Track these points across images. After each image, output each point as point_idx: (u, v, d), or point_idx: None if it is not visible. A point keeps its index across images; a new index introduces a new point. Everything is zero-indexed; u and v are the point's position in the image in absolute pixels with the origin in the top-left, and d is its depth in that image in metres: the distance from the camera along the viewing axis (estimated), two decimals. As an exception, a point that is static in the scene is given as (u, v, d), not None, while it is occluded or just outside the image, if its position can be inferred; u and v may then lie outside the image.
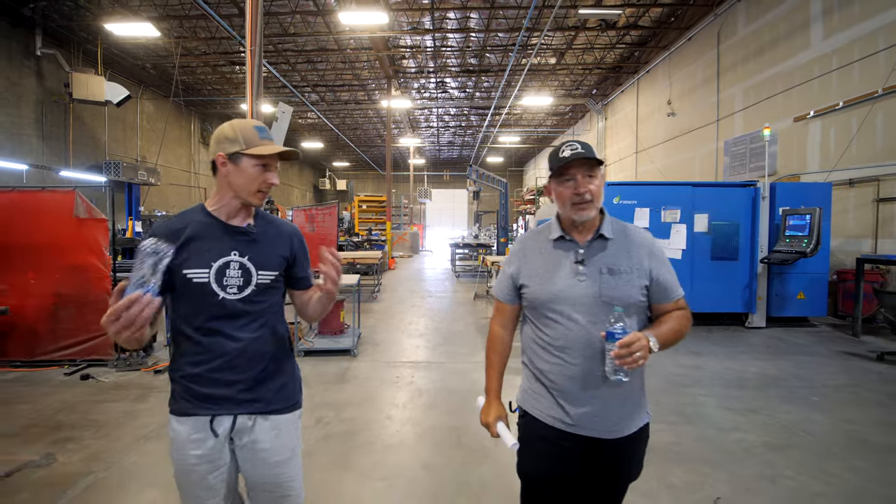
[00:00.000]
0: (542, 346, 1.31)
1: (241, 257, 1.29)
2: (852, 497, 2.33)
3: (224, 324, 1.27)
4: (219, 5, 11.03)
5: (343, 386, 3.94)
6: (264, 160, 1.28)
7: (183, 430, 1.27)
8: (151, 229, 1.31)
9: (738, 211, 6.21)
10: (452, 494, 2.35)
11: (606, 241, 1.28)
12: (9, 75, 10.80)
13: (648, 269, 1.26)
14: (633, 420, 1.27)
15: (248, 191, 1.28)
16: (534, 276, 1.33)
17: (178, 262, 1.25)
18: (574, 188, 1.24)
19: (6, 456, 2.72)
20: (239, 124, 1.29)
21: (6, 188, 4.38)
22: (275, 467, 1.32)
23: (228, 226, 1.31)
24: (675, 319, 1.26)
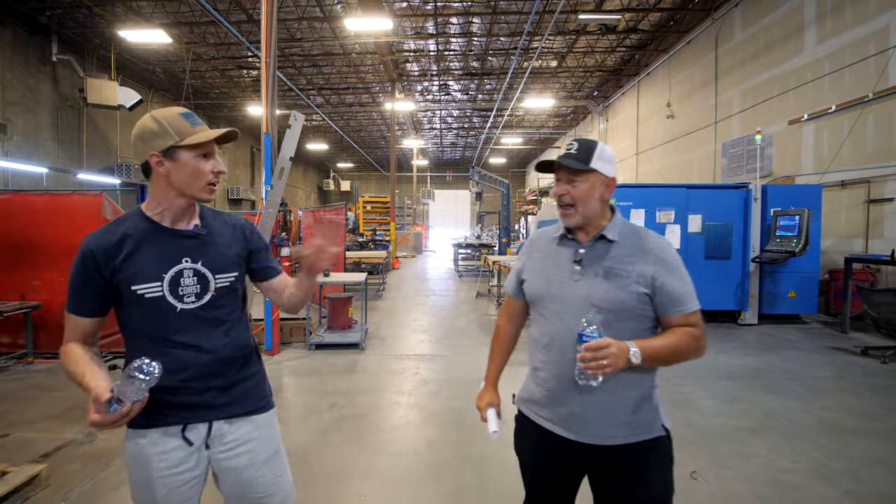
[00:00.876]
0: (535, 344, 1.32)
1: (194, 263, 1.20)
2: (814, 471, 2.58)
3: (188, 335, 1.19)
4: (228, 12, 11.35)
5: (353, 376, 4.22)
6: (203, 148, 1.16)
7: (147, 443, 1.18)
8: (82, 243, 1.16)
9: (730, 212, 6.45)
10: (455, 465, 2.62)
11: (610, 244, 1.24)
12: (26, 81, 11.16)
13: (651, 276, 1.19)
14: (628, 429, 1.20)
15: (195, 187, 1.17)
16: (532, 272, 1.34)
17: (123, 277, 1.14)
18: (557, 189, 1.26)
19: (52, 434, 3.00)
20: (162, 115, 1.15)
21: (39, 191, 4.68)
22: (263, 466, 1.26)
23: (174, 230, 1.21)
24: (676, 336, 1.18)
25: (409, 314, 7.21)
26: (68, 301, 1.18)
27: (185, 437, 1.19)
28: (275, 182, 4.56)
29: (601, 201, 1.24)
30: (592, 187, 1.22)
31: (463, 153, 31.80)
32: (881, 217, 6.86)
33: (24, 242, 4.64)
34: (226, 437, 1.23)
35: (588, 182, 1.21)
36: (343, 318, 5.46)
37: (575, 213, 1.23)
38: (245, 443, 1.24)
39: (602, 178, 1.22)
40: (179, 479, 1.18)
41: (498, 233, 14.92)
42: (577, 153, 1.21)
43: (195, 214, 1.25)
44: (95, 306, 1.18)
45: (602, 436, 1.20)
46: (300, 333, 5.27)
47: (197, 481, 1.23)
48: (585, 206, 1.22)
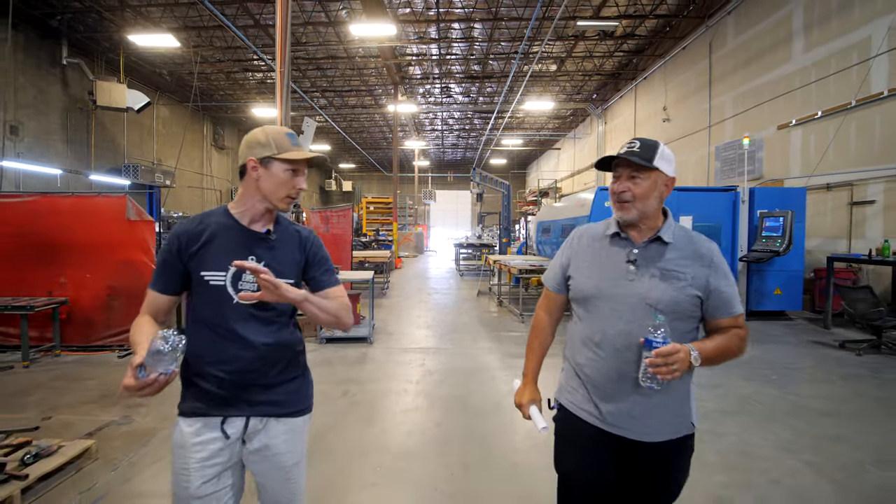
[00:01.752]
0: (581, 341, 1.32)
1: (258, 262, 1.28)
2: (781, 445, 2.89)
3: (240, 327, 1.27)
4: (235, 16, 11.64)
5: (363, 366, 4.53)
6: (295, 165, 1.30)
7: (189, 432, 1.27)
8: (173, 228, 1.34)
9: (719, 213, 6.77)
10: (460, 442, 2.92)
11: (665, 246, 1.26)
12: (37, 84, 11.45)
13: (706, 279, 1.22)
14: (669, 426, 1.24)
15: (277, 196, 1.29)
16: (582, 269, 1.34)
17: (196, 262, 1.28)
18: (616, 186, 1.28)
19: (91, 417, 3.30)
20: (272, 130, 1.31)
21: (66, 194, 4.98)
22: (288, 471, 1.34)
23: (249, 230, 1.32)
24: (726, 337, 1.22)
25: (413, 311, 7.51)
26: (152, 280, 1.32)
27: (224, 430, 1.27)
28: (289, 185, 4.85)
29: (659, 200, 1.26)
30: (653, 185, 1.23)
31: (464, 154, 32.11)
32: (863, 219, 7.17)
33: (51, 242, 4.94)
34: (259, 437, 1.30)
35: (650, 180, 1.23)
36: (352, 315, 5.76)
37: (632, 209, 1.24)
38: (276, 447, 1.31)
39: (663, 177, 1.24)
40: (212, 472, 1.25)
41: (498, 233, 15.24)
42: (641, 151, 1.22)
43: (271, 220, 1.36)
44: (172, 285, 1.31)
45: (647, 433, 1.23)
46: (311, 328, 5.57)
47: (227, 475, 1.29)
48: (644, 204, 1.23)
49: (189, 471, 1.24)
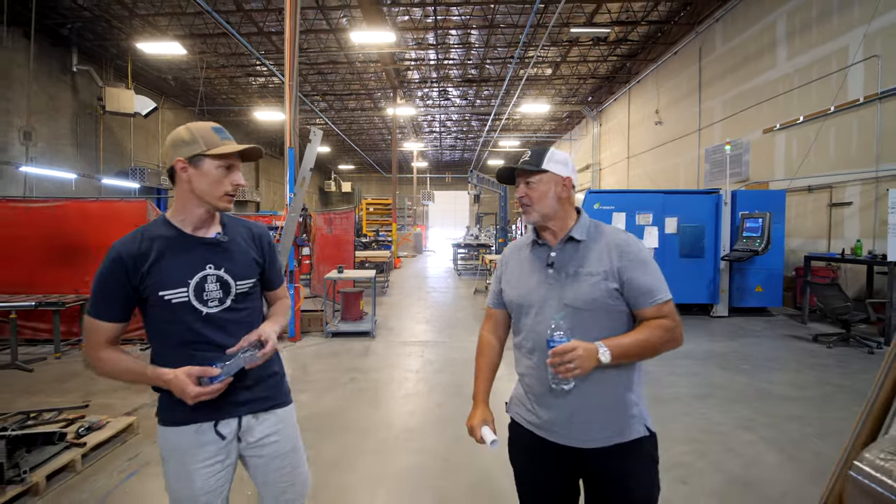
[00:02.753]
0: (519, 350, 1.34)
1: (217, 270, 1.27)
2: (741, 424, 3.26)
3: (213, 336, 1.25)
4: (240, 25, 12.01)
5: (367, 357, 4.90)
6: (227, 160, 1.24)
7: (183, 439, 1.26)
8: (112, 249, 1.22)
9: (703, 215, 7.14)
10: (457, 420, 3.30)
11: (578, 244, 1.28)
12: (48, 90, 11.81)
13: (618, 270, 1.22)
14: (610, 431, 1.22)
15: (214, 195, 1.24)
16: (510, 280, 1.37)
17: (150, 283, 1.21)
18: (516, 193, 1.33)
19: (126, 400, 3.67)
20: (195, 126, 1.25)
21: (92, 199, 5.35)
22: (286, 458, 1.36)
23: (197, 238, 1.28)
24: (647, 329, 1.21)
25: (412, 308, 7.89)
26: (92, 307, 1.21)
27: (218, 432, 1.27)
28: (297, 190, 5.23)
29: (557, 199, 1.28)
30: (548, 188, 1.27)
31: (462, 155, 32.49)
32: (842, 219, 7.55)
33: (78, 243, 5.30)
34: (254, 431, 1.32)
35: (543, 183, 1.27)
36: (355, 310, 6.14)
37: (532, 211, 1.29)
38: (270, 435, 1.34)
39: (556, 177, 1.28)
40: (213, 470, 1.27)
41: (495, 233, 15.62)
42: (531, 158, 1.29)
43: (216, 222, 1.32)
44: (121, 312, 1.22)
45: (584, 439, 1.22)
46: (318, 324, 5.94)
47: (227, 471, 1.31)
48: (542, 205, 1.28)
49: (190, 473, 1.25)
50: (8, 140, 10.56)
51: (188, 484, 1.25)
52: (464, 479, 2.55)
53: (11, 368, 4.42)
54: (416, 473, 2.63)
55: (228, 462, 1.31)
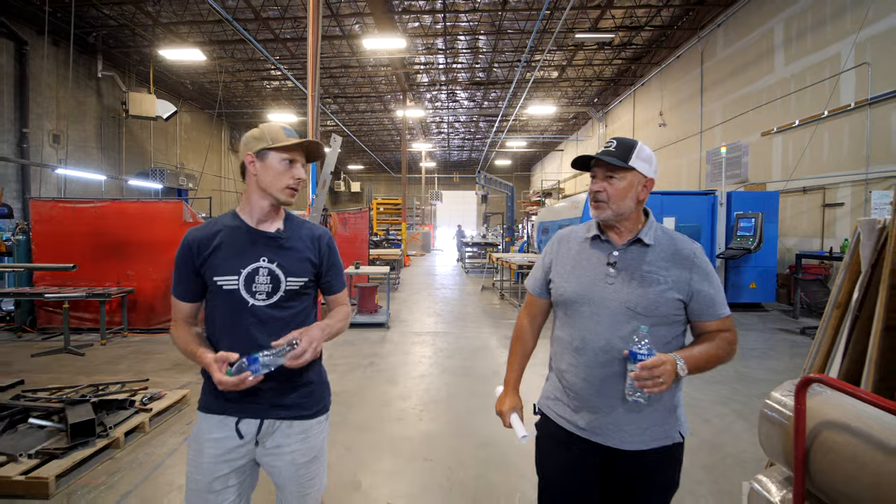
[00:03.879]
0: (563, 346, 1.29)
1: (269, 263, 1.30)
2: (717, 400, 3.67)
3: (255, 330, 1.27)
4: (257, 32, 12.54)
5: (383, 345, 5.36)
6: (290, 154, 1.30)
7: (207, 428, 1.30)
8: (185, 235, 1.32)
9: (700, 215, 7.51)
10: (466, 397, 3.74)
11: (646, 248, 1.23)
12: (76, 95, 12.42)
13: (688, 282, 1.19)
14: (652, 434, 1.21)
15: (276, 187, 1.30)
16: (563, 272, 1.31)
17: (208, 267, 1.28)
18: (593, 186, 1.26)
19: (174, 379, 4.15)
20: (267, 125, 1.33)
21: (132, 200, 5.86)
22: (300, 468, 1.34)
23: (258, 231, 1.33)
24: (713, 343, 1.19)
25: (423, 303, 8.34)
26: (173, 286, 1.35)
27: (238, 430, 1.29)
28: (319, 192, 5.69)
29: (636, 201, 1.23)
30: (630, 186, 1.21)
31: (470, 155, 32.89)
32: (834, 219, 7.88)
33: (119, 240, 5.82)
34: (273, 438, 1.32)
35: (626, 180, 1.21)
36: (371, 304, 6.60)
37: (607, 209, 1.22)
38: (288, 446, 1.32)
39: (640, 177, 1.22)
40: (224, 468, 1.28)
41: (502, 232, 16.02)
42: (616, 150, 1.21)
43: (280, 218, 1.38)
44: (191, 292, 1.33)
45: (629, 441, 1.20)
46: (336, 315, 6.41)
47: (238, 473, 1.31)
48: (619, 204, 1.21)
49: (202, 465, 1.28)
50: (39, 143, 11.17)
51: (199, 475, 1.28)
52: (474, 440, 2.99)
53: (64, 353, 4.93)
54: (433, 436, 3.07)
55: (240, 464, 1.30)
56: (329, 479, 2.50)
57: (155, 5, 11.35)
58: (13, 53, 10.71)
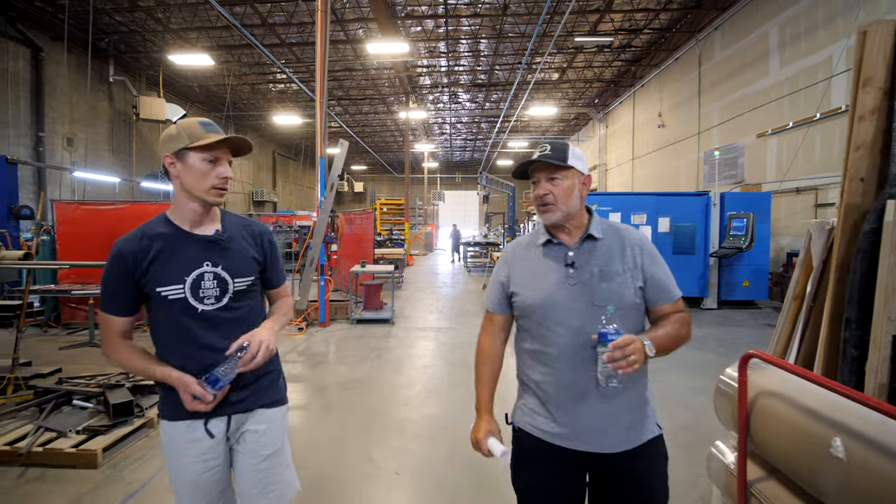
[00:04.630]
0: (535, 357, 1.27)
1: (214, 267, 1.27)
2: (696, 388, 3.93)
3: (207, 335, 1.25)
4: (263, 36, 12.84)
5: (389, 339, 5.64)
6: (212, 152, 1.23)
7: (177, 433, 1.28)
8: (114, 247, 1.25)
9: (694, 216, 7.75)
10: (466, 384, 4.01)
11: (596, 242, 1.25)
12: (89, 100, 12.77)
13: (641, 266, 1.22)
14: (633, 433, 1.21)
15: (201, 188, 1.23)
16: (524, 283, 1.29)
17: (149, 279, 1.22)
18: (538, 190, 1.25)
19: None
20: (183, 122, 1.25)
21: (152, 202, 6.17)
22: (263, 460, 1.34)
23: (195, 235, 1.28)
24: (672, 323, 1.20)
25: (426, 301, 8.62)
26: (102, 302, 1.26)
27: (208, 430, 1.29)
28: (327, 194, 5.98)
29: (580, 199, 1.25)
30: (572, 185, 1.23)
31: (472, 155, 33.16)
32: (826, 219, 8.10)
33: (138, 240, 6.13)
34: (242, 429, 1.34)
35: (568, 179, 1.23)
36: (376, 301, 6.88)
37: (556, 210, 1.23)
38: (255, 431, 1.34)
39: (579, 175, 1.25)
40: (205, 466, 1.29)
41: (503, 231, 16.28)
42: (553, 152, 1.22)
43: (216, 219, 1.33)
44: (128, 306, 1.26)
45: (611, 444, 1.19)
46: (343, 312, 6.70)
47: (219, 470, 1.33)
48: (567, 203, 1.23)
49: (184, 467, 1.29)
50: (54, 146, 11.52)
51: (184, 477, 1.29)
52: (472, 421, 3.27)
53: (89, 346, 5.24)
54: (436, 418, 3.36)
55: (219, 462, 1.32)
56: (346, 454, 2.82)
57: (165, 12, 11.67)
58: (29, 60, 11.06)
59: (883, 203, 1.89)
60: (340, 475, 2.59)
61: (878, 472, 1.16)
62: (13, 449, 2.59)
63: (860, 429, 1.25)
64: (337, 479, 2.56)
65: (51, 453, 2.59)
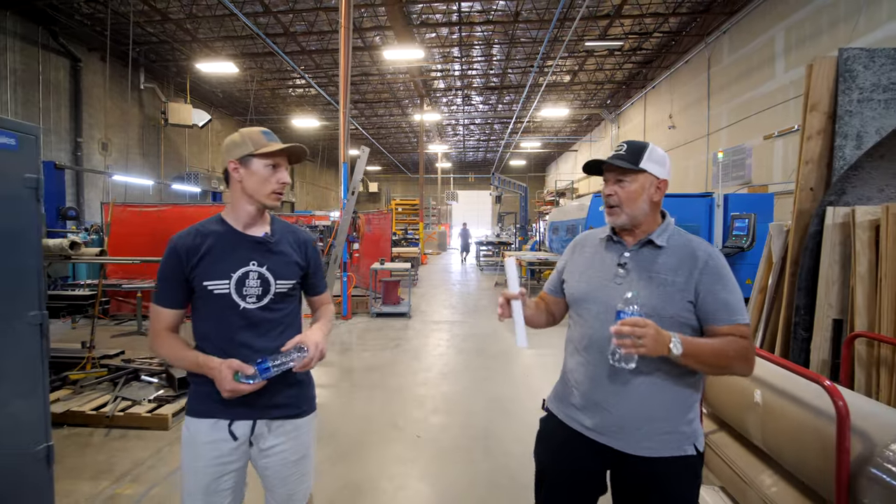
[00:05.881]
0: (573, 345, 1.31)
1: (259, 267, 1.32)
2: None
3: (245, 333, 1.30)
4: (285, 45, 13.43)
5: (406, 331, 6.11)
6: (273, 159, 1.31)
7: (200, 432, 1.31)
8: (170, 242, 1.32)
9: (698, 216, 8.06)
10: (478, 368, 4.47)
11: (658, 249, 1.22)
12: (121, 106, 13.53)
13: (696, 283, 1.16)
14: (660, 442, 1.17)
15: (262, 192, 1.31)
16: (574, 272, 1.33)
17: (198, 273, 1.29)
18: (605, 190, 1.25)
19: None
20: (246, 131, 1.34)
21: (188, 204, 6.74)
22: (291, 466, 1.38)
23: (246, 236, 1.34)
24: (724, 340, 1.12)
25: (440, 297, 9.07)
26: (155, 295, 1.34)
27: (231, 432, 1.31)
28: (350, 197, 6.47)
29: (650, 203, 1.22)
30: (641, 188, 1.20)
31: (485, 156, 33.50)
32: (829, 219, 8.33)
33: (178, 239, 6.70)
34: (266, 438, 1.35)
35: (637, 183, 1.20)
36: (394, 296, 7.36)
37: (621, 213, 1.22)
38: (279, 444, 1.36)
39: (652, 179, 1.21)
40: (222, 470, 1.31)
41: (515, 231, 16.66)
42: (626, 154, 1.21)
43: (266, 222, 1.39)
44: (177, 299, 1.32)
45: (635, 445, 1.18)
46: (363, 306, 7.19)
47: (236, 475, 1.34)
48: (632, 207, 1.21)
49: (199, 469, 1.31)
50: (91, 151, 12.28)
51: (196, 479, 1.31)
52: (483, 398, 3.72)
53: (137, 335, 5.81)
54: (452, 395, 3.82)
55: (237, 466, 1.34)
56: (377, 420, 3.29)
57: (194, 23, 12.32)
58: (69, 70, 11.82)
59: (823, 209, 2.28)
60: (370, 438, 3.06)
61: (779, 408, 1.57)
62: (100, 413, 3.12)
63: (771, 381, 1.66)
64: (368, 441, 3.02)
65: (130, 417, 3.11)
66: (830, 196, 2.24)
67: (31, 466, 1.93)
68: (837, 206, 2.20)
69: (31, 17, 10.53)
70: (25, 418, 1.92)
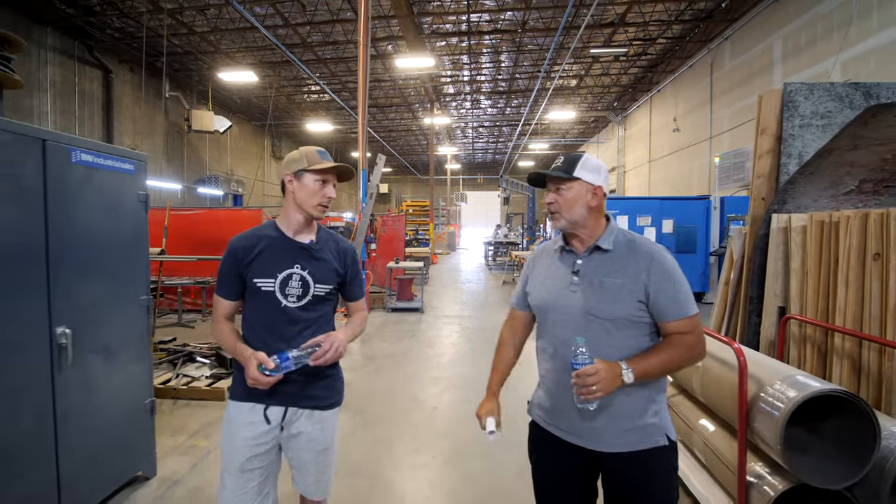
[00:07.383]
0: (541, 353, 1.39)
1: (302, 270, 1.48)
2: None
3: (285, 328, 1.46)
4: (302, 54, 14.08)
5: (420, 324, 6.66)
6: (323, 175, 1.48)
7: (240, 413, 1.47)
8: (230, 242, 1.51)
9: (695, 217, 8.50)
10: (487, 354, 4.94)
11: (606, 253, 1.29)
12: (147, 113, 14.28)
13: (645, 282, 1.22)
14: (627, 437, 1.24)
15: (310, 204, 1.47)
16: (536, 283, 1.41)
17: (250, 271, 1.47)
18: (546, 199, 1.34)
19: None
20: (305, 149, 1.50)
21: (219, 208, 7.36)
22: (318, 455, 1.54)
23: (294, 241, 1.51)
24: (671, 348, 1.20)
25: (450, 294, 9.61)
26: (217, 287, 1.54)
27: (266, 416, 1.47)
28: (368, 201, 7.03)
29: (587, 208, 1.29)
30: (577, 195, 1.29)
31: (493, 157, 33.98)
32: (823, 220, 8.70)
33: (212, 239, 7.31)
34: (295, 424, 1.51)
35: (573, 190, 1.28)
36: (408, 293, 7.91)
37: (560, 218, 1.31)
38: (307, 433, 1.52)
39: (587, 186, 1.29)
40: (254, 451, 1.46)
41: (522, 231, 17.15)
42: (562, 165, 1.31)
43: (313, 231, 1.56)
44: (233, 291, 1.51)
45: (607, 443, 1.25)
46: (380, 302, 7.76)
47: (265, 458, 1.49)
48: (570, 213, 1.29)
49: (236, 447, 1.45)
50: (122, 157, 13.02)
51: (233, 457, 1.46)
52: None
53: (178, 326, 6.43)
54: (464, 375, 4.36)
55: (266, 449, 1.48)
56: (399, 395, 3.84)
57: (216, 35, 13.01)
58: (101, 80, 12.57)
59: (769, 215, 2.77)
60: (393, 410, 3.60)
61: (712, 368, 2.08)
62: (167, 387, 3.71)
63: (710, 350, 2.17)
64: (390, 412, 3.57)
65: (193, 390, 3.69)
66: (774, 205, 2.72)
67: (140, 415, 2.51)
68: (780, 213, 2.69)
69: (70, 32, 11.28)
70: (138, 379, 2.51)
